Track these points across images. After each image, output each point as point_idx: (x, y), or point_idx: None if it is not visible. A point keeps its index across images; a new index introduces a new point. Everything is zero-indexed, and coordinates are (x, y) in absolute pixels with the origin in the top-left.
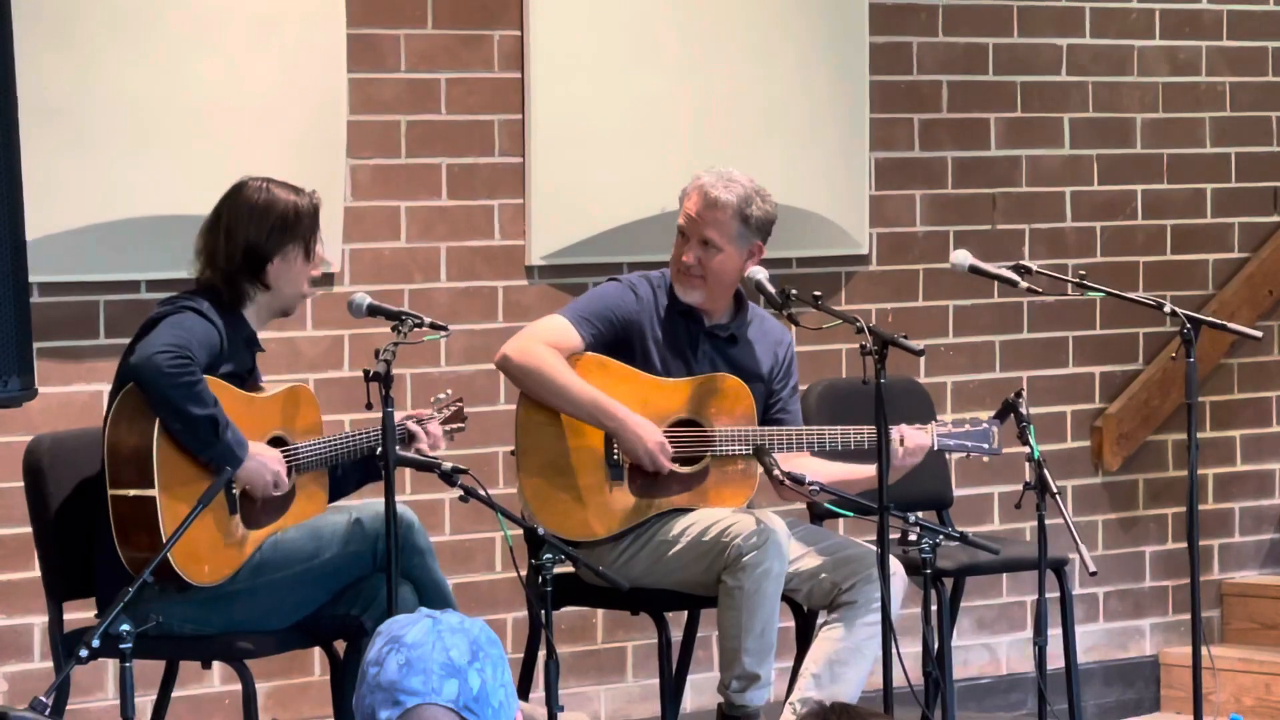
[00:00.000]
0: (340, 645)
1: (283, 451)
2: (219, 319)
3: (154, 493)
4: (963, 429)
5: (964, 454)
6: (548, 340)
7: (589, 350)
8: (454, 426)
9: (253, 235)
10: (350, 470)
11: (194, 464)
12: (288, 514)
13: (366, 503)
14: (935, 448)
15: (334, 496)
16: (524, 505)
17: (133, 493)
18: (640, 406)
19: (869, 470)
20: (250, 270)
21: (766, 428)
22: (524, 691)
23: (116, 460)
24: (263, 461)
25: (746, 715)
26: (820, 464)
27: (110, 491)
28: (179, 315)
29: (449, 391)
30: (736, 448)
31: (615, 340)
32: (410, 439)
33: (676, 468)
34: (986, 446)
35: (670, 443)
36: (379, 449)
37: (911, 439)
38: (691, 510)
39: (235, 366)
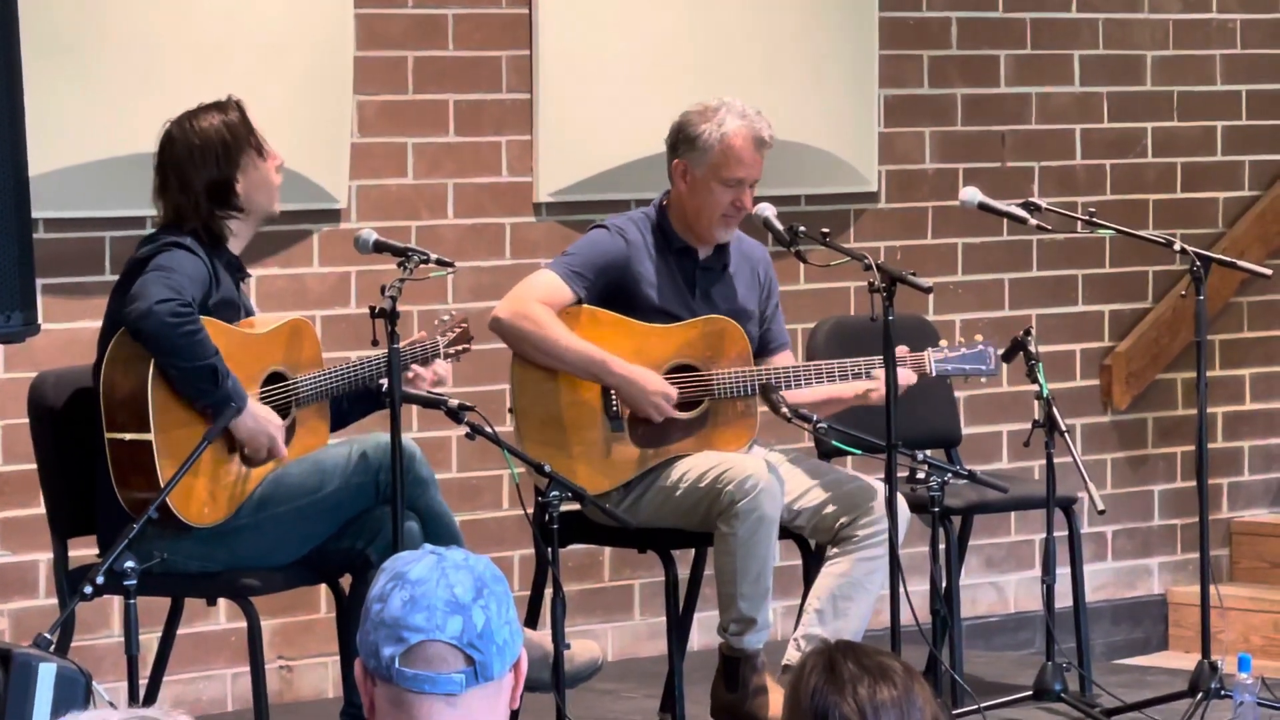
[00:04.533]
0: (346, 582)
1: (283, 385)
2: (204, 251)
3: (150, 436)
4: (959, 352)
5: (963, 376)
6: (539, 298)
7: (582, 304)
8: (460, 348)
9: (206, 173)
10: (356, 401)
11: (190, 407)
12: (289, 448)
13: (369, 435)
14: (934, 374)
15: (340, 425)
16: None
17: (129, 436)
18: (634, 355)
19: (848, 392)
20: (222, 204)
21: (768, 368)
22: (530, 629)
23: (112, 403)
24: (262, 422)
25: (745, 657)
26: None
27: (107, 435)
28: (166, 254)
29: (453, 313)
30: (735, 389)
31: (608, 288)
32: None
33: (678, 414)
34: (984, 367)
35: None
36: (385, 386)
37: (902, 378)
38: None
39: (225, 294)
